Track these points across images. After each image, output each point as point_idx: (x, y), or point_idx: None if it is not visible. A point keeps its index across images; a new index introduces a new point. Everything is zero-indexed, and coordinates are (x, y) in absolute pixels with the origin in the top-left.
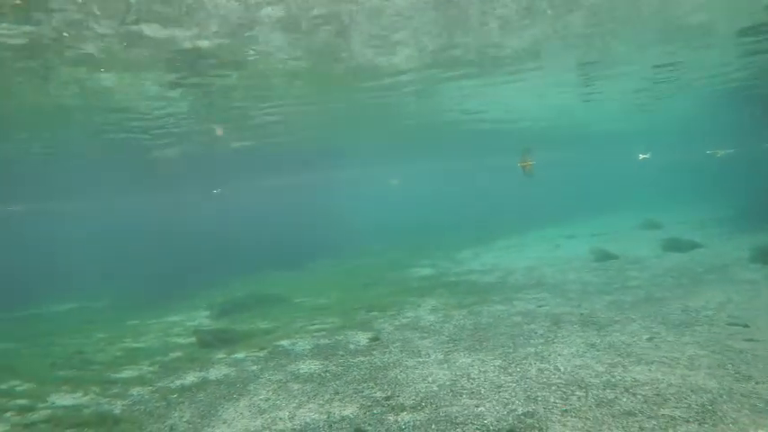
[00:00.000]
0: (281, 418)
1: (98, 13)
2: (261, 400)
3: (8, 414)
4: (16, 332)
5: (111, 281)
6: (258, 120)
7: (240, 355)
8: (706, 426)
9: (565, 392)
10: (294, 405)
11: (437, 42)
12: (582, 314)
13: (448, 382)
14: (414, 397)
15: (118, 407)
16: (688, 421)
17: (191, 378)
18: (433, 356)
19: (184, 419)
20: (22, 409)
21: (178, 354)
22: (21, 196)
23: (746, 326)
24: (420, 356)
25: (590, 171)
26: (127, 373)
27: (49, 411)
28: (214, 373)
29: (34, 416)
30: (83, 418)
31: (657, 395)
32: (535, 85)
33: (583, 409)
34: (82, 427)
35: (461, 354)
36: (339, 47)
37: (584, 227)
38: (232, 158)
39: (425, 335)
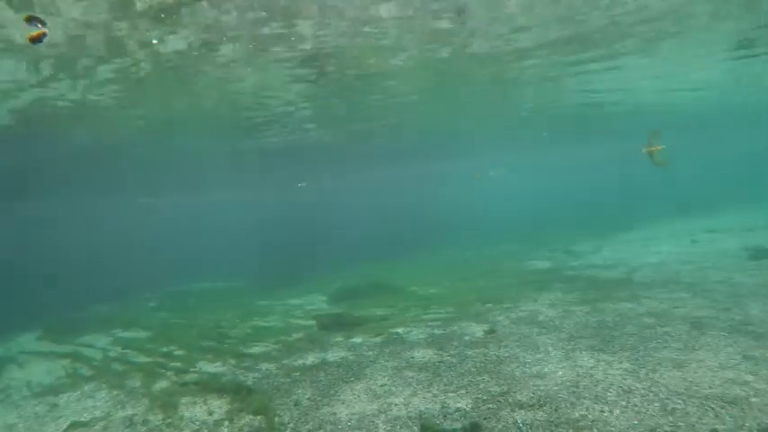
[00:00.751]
0: (395, 404)
1: (235, 13)
2: (377, 384)
3: (169, 373)
4: (168, 305)
5: (241, 265)
6: (376, 113)
7: (357, 340)
8: None
9: (714, 408)
10: (409, 392)
11: (560, 20)
12: (733, 319)
13: (568, 383)
14: (531, 395)
15: (250, 379)
16: None
17: (311, 359)
18: (552, 354)
19: (306, 396)
20: (178, 371)
21: (300, 335)
22: (168, 190)
23: None
24: (538, 353)
25: (737, 155)
26: (256, 349)
27: (197, 375)
28: (332, 355)
29: (187, 377)
30: (222, 384)
31: None
32: (672, 59)
33: None
34: (222, 392)
35: (584, 353)
36: (457, 31)
37: (728, 219)
38: (348, 152)
39: (543, 330)
